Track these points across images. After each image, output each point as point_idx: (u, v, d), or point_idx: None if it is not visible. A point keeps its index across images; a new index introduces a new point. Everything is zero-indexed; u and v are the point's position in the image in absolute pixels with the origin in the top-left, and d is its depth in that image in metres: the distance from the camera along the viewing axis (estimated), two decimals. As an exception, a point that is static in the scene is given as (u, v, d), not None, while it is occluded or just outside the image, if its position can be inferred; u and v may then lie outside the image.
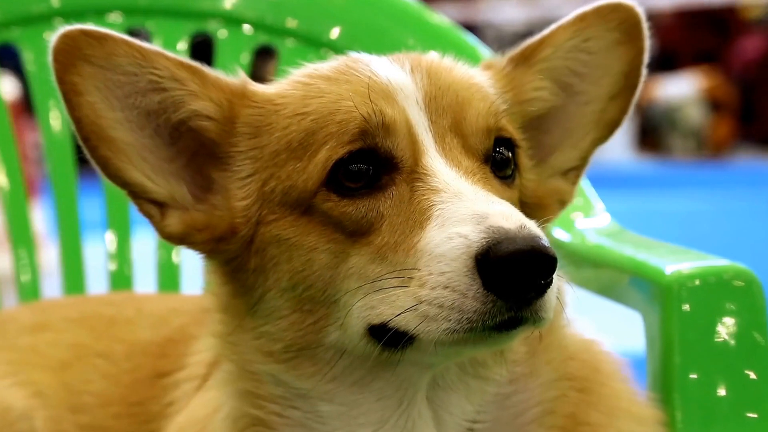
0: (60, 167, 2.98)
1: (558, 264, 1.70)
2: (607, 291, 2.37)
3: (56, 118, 2.97)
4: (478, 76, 2.01)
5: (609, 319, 2.22)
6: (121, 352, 2.43)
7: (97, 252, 3.03)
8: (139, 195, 1.93)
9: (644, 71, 2.10)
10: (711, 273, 2.11)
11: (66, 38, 1.86)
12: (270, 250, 1.88)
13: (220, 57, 2.94)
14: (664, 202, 12.07)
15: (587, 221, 2.61)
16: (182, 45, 2.94)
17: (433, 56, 1.99)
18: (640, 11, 2.08)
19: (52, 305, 2.68)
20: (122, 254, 2.97)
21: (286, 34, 2.94)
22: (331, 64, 1.96)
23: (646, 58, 2.09)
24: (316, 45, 2.91)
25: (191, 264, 2.92)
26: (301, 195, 1.85)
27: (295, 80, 1.96)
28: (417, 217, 1.77)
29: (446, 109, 1.87)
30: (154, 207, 1.93)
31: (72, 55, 1.86)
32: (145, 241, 2.97)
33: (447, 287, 1.70)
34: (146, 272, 3.01)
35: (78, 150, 3.00)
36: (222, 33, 2.97)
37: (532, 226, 1.71)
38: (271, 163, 1.89)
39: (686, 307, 2.08)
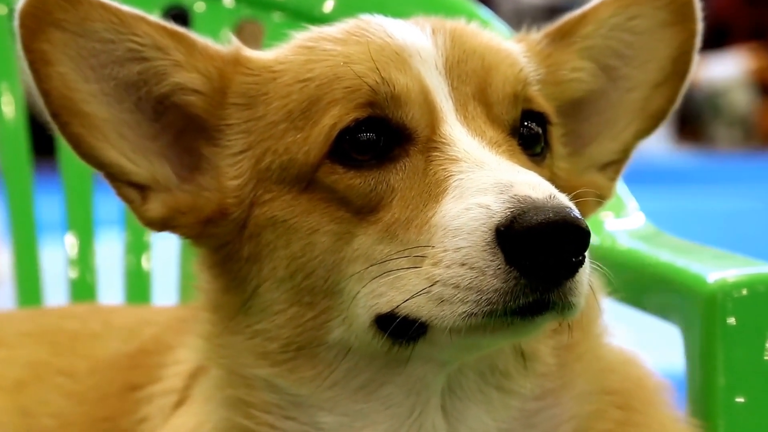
0: (13, 160, 2.98)
1: (591, 240, 1.70)
2: (641, 302, 2.37)
3: (9, 104, 2.96)
4: (508, 42, 2.02)
5: (643, 334, 2.21)
6: (85, 369, 2.43)
7: (56, 257, 3.03)
8: (116, 177, 1.93)
9: (695, 57, 2.10)
10: (760, 281, 2.11)
11: (35, 0, 1.86)
12: (265, 235, 1.89)
13: (197, 34, 2.92)
14: (706, 199, 12.07)
15: (618, 222, 2.61)
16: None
17: (458, 20, 1.99)
18: None
19: (6, 318, 2.68)
20: (84, 260, 2.97)
21: (273, 8, 2.95)
22: (340, 26, 1.97)
23: (698, 42, 2.10)
24: (306, 19, 2.89)
25: (163, 271, 2.93)
26: (302, 169, 1.86)
27: (297, 44, 1.97)
28: (432, 190, 1.78)
29: (470, 74, 1.89)
30: (133, 191, 1.94)
31: (41, 19, 1.86)
32: (110, 245, 2.97)
33: (464, 264, 1.70)
34: (112, 280, 3.01)
35: (34, 139, 2.98)
36: (199, 6, 2.97)
37: (562, 197, 1.71)
38: (267, 135, 1.90)
39: (732, 320, 2.08)
